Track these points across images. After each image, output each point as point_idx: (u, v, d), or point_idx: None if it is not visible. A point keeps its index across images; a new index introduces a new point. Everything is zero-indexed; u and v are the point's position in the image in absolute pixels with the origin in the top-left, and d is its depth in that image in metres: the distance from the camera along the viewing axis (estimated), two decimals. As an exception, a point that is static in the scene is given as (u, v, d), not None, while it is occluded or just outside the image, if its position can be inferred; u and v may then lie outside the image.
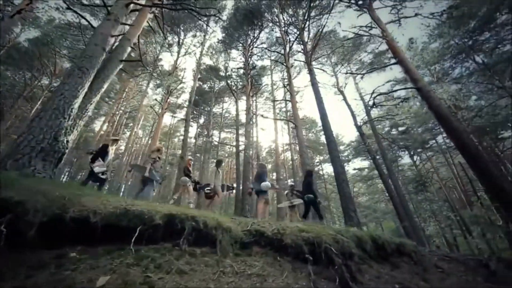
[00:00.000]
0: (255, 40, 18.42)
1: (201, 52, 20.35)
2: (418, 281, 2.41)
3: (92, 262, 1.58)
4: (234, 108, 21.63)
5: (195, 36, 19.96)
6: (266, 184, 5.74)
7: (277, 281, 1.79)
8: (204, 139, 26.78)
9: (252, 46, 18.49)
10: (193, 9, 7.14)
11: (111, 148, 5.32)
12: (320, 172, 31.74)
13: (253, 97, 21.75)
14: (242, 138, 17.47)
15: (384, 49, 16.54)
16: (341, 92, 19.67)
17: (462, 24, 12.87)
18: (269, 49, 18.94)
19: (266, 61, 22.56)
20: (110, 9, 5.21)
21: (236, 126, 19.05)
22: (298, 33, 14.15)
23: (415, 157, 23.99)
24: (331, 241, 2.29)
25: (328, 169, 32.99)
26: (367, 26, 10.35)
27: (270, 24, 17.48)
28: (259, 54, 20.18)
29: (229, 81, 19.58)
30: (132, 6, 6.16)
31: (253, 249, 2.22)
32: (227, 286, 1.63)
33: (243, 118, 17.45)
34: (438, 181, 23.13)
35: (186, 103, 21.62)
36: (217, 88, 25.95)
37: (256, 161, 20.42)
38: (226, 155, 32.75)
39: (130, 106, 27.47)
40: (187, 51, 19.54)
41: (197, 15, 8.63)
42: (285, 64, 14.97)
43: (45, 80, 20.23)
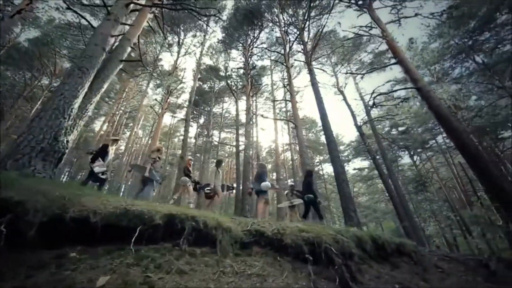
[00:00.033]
0: (255, 40, 18.42)
1: (201, 52, 20.36)
2: (418, 281, 2.41)
3: (92, 262, 1.58)
4: (234, 108, 21.66)
5: (195, 36, 19.97)
6: (266, 184, 5.73)
7: (277, 281, 1.79)
8: (204, 139, 26.78)
9: (252, 46, 18.48)
10: (193, 9, 7.14)
11: (111, 148, 5.32)
12: (320, 172, 31.73)
13: (253, 97, 21.74)
14: (242, 138, 17.47)
15: (384, 49, 16.55)
16: (341, 92, 19.67)
17: (462, 24, 12.87)
18: (269, 49, 18.94)
19: (266, 61, 22.60)
20: (110, 9, 5.21)
21: (236, 126, 19.04)
22: (298, 33, 14.15)
23: (415, 157, 24.00)
24: (331, 241, 2.29)
25: (328, 169, 33.03)
26: (367, 26, 10.35)
27: (270, 24, 17.49)
28: (259, 54, 20.20)
29: (229, 81, 19.56)
30: (132, 6, 6.16)
31: (253, 249, 2.22)
32: (227, 286, 1.63)
33: (243, 118, 17.46)
34: (438, 181, 23.13)
35: (186, 103, 21.62)
36: (217, 88, 25.94)
37: (256, 161, 20.41)
38: (226, 155, 32.74)
39: (130, 106, 27.47)
40: (187, 51, 19.55)
41: (197, 15, 8.64)
42: (285, 64, 14.97)
43: (45, 80, 20.23)
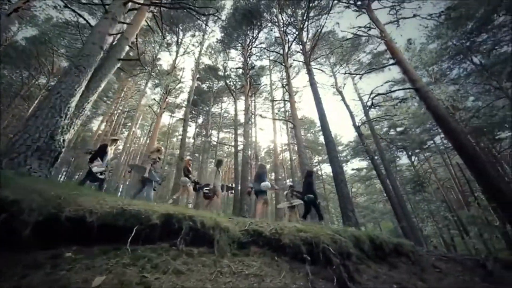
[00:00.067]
0: (254, 40, 18.40)
1: (200, 52, 20.30)
2: (416, 281, 2.41)
3: (87, 262, 1.56)
4: (233, 108, 21.60)
5: (194, 36, 19.94)
6: (266, 184, 5.71)
7: (274, 281, 1.78)
8: (203, 139, 26.74)
9: (251, 46, 18.46)
10: (192, 8, 7.12)
11: (110, 148, 5.30)
12: (319, 172, 31.79)
13: (252, 97, 21.72)
14: (240, 138, 17.46)
15: (383, 49, 16.59)
16: (340, 92, 19.70)
17: (460, 25, 12.95)
18: (268, 49, 18.93)
19: (265, 61, 22.57)
20: (107, 8, 5.18)
21: (235, 126, 19.02)
22: (297, 33, 14.16)
23: (413, 158, 24.11)
24: (329, 241, 2.28)
25: (326, 169, 33.15)
26: (365, 26, 10.37)
27: (269, 24, 17.47)
28: (258, 54, 20.18)
29: (228, 81, 19.53)
30: (130, 5, 6.14)
31: (251, 249, 2.21)
32: (225, 286, 1.62)
33: (241, 118, 17.46)
34: (436, 181, 23.24)
35: (185, 102, 21.59)
36: (215, 88, 25.91)
37: (254, 161, 20.41)
38: (225, 155, 32.72)
39: (128, 106, 27.37)
40: (186, 51, 19.50)
41: (196, 15, 8.62)
42: (284, 64, 14.97)
43: (42, 79, 20.11)
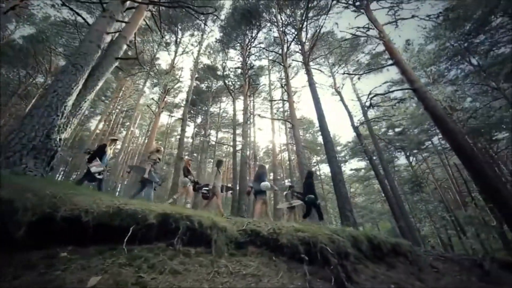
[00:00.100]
0: (253, 40, 18.38)
1: (198, 51, 20.25)
2: (414, 281, 2.41)
3: (83, 262, 1.55)
4: (232, 108, 21.61)
5: (192, 35, 19.89)
6: (266, 184, 5.68)
7: (272, 281, 1.77)
8: (201, 139, 26.68)
9: (250, 46, 18.44)
10: (190, 7, 7.09)
11: (110, 148, 5.26)
12: (317, 173, 31.83)
13: (251, 97, 21.70)
14: (239, 138, 17.44)
15: (381, 50, 16.66)
16: (339, 92, 19.73)
17: (458, 26, 13.02)
18: (267, 49, 18.92)
19: (264, 61, 22.56)
20: (105, 6, 5.15)
21: (233, 126, 18.99)
22: (296, 33, 14.17)
23: (411, 158, 24.25)
24: (327, 241, 2.28)
25: (325, 169, 33.27)
26: (364, 27, 10.38)
27: (268, 24, 17.46)
28: (257, 54, 20.14)
29: (226, 81, 19.50)
30: (128, 4, 6.11)
31: (248, 249, 2.20)
32: (222, 286, 1.61)
33: (240, 118, 17.44)
34: (434, 182, 23.36)
35: (183, 102, 21.54)
36: (214, 88, 25.87)
37: (253, 161, 20.40)
38: (224, 155, 32.67)
39: (126, 105, 27.26)
40: (185, 50, 19.45)
41: (194, 14, 8.59)
42: (282, 64, 14.98)
43: (40, 78, 19.98)
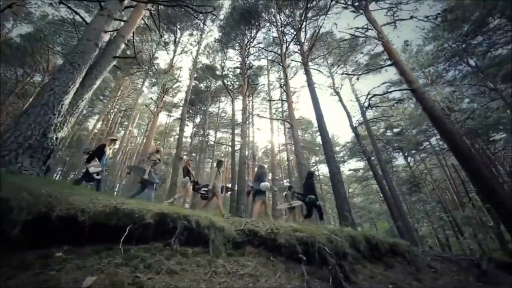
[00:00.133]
0: (252, 39, 18.37)
1: (197, 51, 20.19)
2: (411, 281, 2.41)
3: (78, 262, 1.53)
4: (231, 108, 21.57)
5: (191, 35, 19.83)
6: (266, 185, 5.64)
7: (270, 281, 1.76)
8: (200, 139, 26.63)
9: (249, 46, 18.43)
10: (189, 6, 7.07)
11: (109, 148, 5.23)
12: (316, 173, 31.88)
13: (250, 97, 21.68)
14: (238, 138, 17.42)
15: (380, 50, 16.71)
16: (337, 93, 19.77)
17: (456, 27, 13.09)
18: (266, 49, 18.92)
19: (263, 61, 22.56)
20: (103, 4, 5.11)
21: (232, 126, 18.97)
22: (295, 33, 14.17)
23: (409, 159, 24.33)
24: (325, 241, 2.27)
25: (323, 169, 33.26)
26: (363, 27, 10.42)
27: (267, 24, 17.46)
28: (256, 54, 20.14)
29: (225, 81, 19.48)
30: (126, 2, 6.07)
31: (246, 249, 2.19)
32: (219, 287, 1.60)
33: (239, 118, 17.40)
34: (431, 182, 23.46)
35: (182, 102, 21.48)
36: (213, 88, 25.82)
37: (252, 161, 20.40)
38: (222, 155, 32.63)
39: (125, 105, 27.15)
40: (184, 50, 19.38)
41: (193, 13, 8.56)
42: (281, 64, 14.97)
43: (37, 77, 19.81)
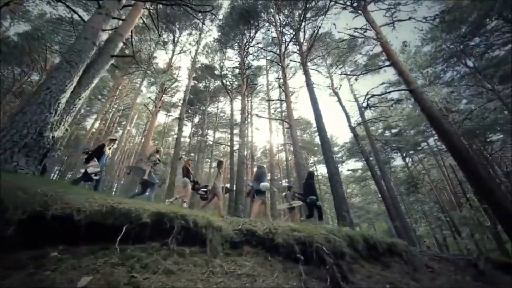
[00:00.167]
0: (251, 39, 18.35)
1: (196, 51, 20.18)
2: (409, 280, 2.41)
3: (74, 262, 1.52)
4: (229, 108, 21.58)
5: (190, 35, 19.80)
6: (265, 185, 5.63)
7: (267, 281, 1.75)
8: (199, 139, 26.58)
9: (248, 46, 18.41)
10: (188, 5, 7.05)
11: (108, 148, 5.19)
12: (315, 173, 31.90)
13: (249, 97, 21.69)
14: (236, 138, 17.40)
15: (379, 51, 16.70)
16: (336, 93, 19.81)
17: (454, 28, 13.17)
18: (265, 49, 18.93)
19: (262, 61, 22.58)
20: (101, 3, 5.08)
21: (231, 126, 18.96)
22: (294, 33, 14.18)
23: (407, 159, 24.43)
24: (322, 241, 2.27)
25: (322, 169, 33.24)
26: (362, 28, 10.47)
27: (266, 24, 17.44)
28: (255, 54, 20.14)
29: (224, 81, 19.46)
30: (125, 1, 6.04)
31: (244, 249, 2.18)
32: (216, 286, 1.59)
33: (238, 118, 17.40)
34: (429, 182, 23.58)
35: (181, 101, 21.41)
36: (212, 87, 25.79)
37: (250, 161, 20.39)
38: (221, 155, 32.59)
39: (123, 104, 27.03)
40: (182, 49, 19.35)
41: (192, 13, 8.54)
42: (280, 64, 14.97)
43: (35, 76, 19.68)
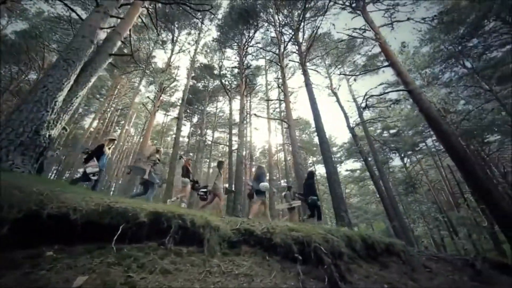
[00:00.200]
0: (250, 39, 18.33)
1: (195, 50, 20.13)
2: (407, 280, 2.41)
3: (70, 261, 1.50)
4: (228, 108, 21.52)
5: (189, 34, 19.74)
6: (265, 185, 5.62)
7: (265, 281, 1.74)
8: (197, 138, 26.53)
9: (247, 46, 18.39)
10: (187, 4, 7.02)
11: (108, 148, 5.16)
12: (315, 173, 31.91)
13: (247, 97, 21.68)
14: (235, 137, 17.38)
15: (377, 52, 16.72)
16: (335, 93, 19.83)
17: (452, 29, 13.24)
18: (264, 49, 18.93)
19: (261, 61, 22.57)
20: (99, 1, 5.05)
21: (230, 125, 18.93)
22: (293, 33, 14.18)
23: (405, 159, 24.54)
24: (320, 241, 2.26)
25: (320, 170, 33.27)
26: (361, 28, 10.49)
27: (265, 24, 17.42)
28: (254, 54, 20.14)
29: (223, 80, 19.42)
30: (123, 0, 6.01)
31: (241, 248, 2.17)
32: (213, 286, 1.58)
33: (237, 118, 17.36)
34: (427, 183, 23.67)
35: (179, 101, 21.35)
36: (211, 87, 25.75)
37: (249, 161, 20.38)
38: (220, 154, 32.56)
39: (121, 103, 26.91)
40: (181, 49, 19.29)
41: (191, 12, 8.51)
42: (279, 64, 14.97)
43: (32, 75, 19.56)
